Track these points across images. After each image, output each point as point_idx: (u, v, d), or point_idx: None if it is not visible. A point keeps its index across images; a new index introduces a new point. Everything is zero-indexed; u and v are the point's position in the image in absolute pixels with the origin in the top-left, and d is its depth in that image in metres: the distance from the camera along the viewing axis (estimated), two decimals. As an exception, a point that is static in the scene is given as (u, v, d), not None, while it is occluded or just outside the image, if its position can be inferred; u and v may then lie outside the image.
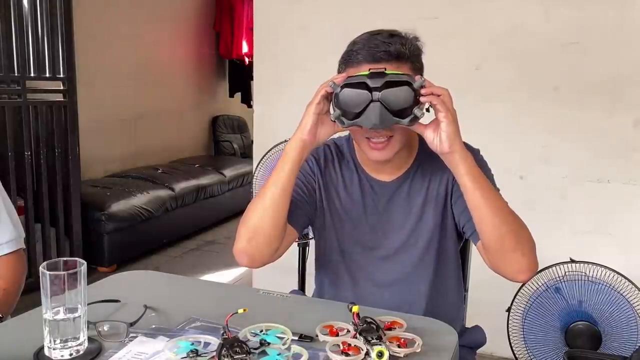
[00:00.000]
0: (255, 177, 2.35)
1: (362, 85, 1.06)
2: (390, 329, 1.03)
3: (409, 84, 1.05)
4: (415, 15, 2.52)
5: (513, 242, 1.10)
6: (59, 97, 3.27)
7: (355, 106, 1.06)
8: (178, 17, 5.42)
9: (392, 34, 1.16)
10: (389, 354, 0.90)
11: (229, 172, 4.99)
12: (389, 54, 1.13)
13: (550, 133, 2.41)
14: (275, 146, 2.28)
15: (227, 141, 6.02)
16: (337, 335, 1.00)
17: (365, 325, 0.97)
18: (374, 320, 0.98)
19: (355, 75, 1.08)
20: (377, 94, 1.05)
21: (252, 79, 3.01)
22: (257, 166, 2.36)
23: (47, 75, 3.19)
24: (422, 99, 1.06)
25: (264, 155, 2.32)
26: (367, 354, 0.92)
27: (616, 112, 2.31)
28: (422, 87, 1.07)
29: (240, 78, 6.00)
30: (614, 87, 2.30)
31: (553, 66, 2.37)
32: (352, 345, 0.94)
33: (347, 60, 1.18)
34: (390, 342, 0.96)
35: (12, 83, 3.04)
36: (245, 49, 5.79)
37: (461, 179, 1.11)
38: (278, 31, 2.82)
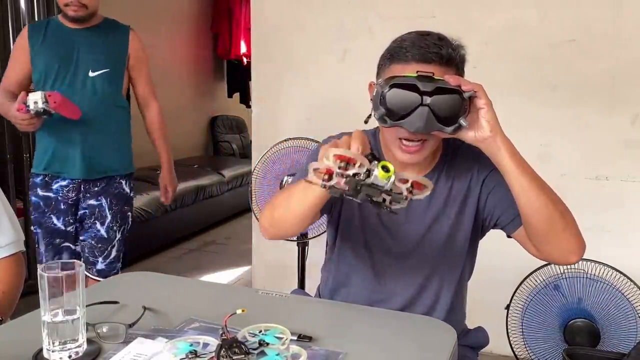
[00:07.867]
0: (254, 177, 2.36)
1: (412, 87, 1.02)
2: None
3: (459, 92, 1.03)
4: (412, 14, 2.52)
5: (562, 222, 1.09)
6: (57, 99, 3.26)
7: (402, 107, 1.03)
8: (175, 19, 5.42)
9: (441, 37, 1.13)
10: (395, 182, 0.88)
11: (228, 173, 4.98)
12: (440, 56, 1.10)
13: (549, 131, 2.41)
14: (275, 145, 2.29)
15: (226, 141, 6.02)
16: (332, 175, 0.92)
17: (370, 155, 0.93)
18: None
19: (404, 76, 1.04)
20: (427, 99, 1.01)
21: (250, 79, 3.01)
22: (255, 166, 2.36)
23: (45, 77, 3.18)
24: (464, 87, 1.02)
25: (263, 155, 2.33)
26: (368, 173, 0.89)
27: (614, 110, 2.31)
28: (471, 98, 1.04)
29: (239, 78, 6.00)
30: (612, 84, 2.30)
31: (550, 65, 2.37)
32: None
33: (394, 56, 1.13)
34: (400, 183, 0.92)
35: (10, 85, 3.03)
36: (243, 49, 5.79)
37: (505, 162, 1.07)
38: (275, 31, 2.83)
